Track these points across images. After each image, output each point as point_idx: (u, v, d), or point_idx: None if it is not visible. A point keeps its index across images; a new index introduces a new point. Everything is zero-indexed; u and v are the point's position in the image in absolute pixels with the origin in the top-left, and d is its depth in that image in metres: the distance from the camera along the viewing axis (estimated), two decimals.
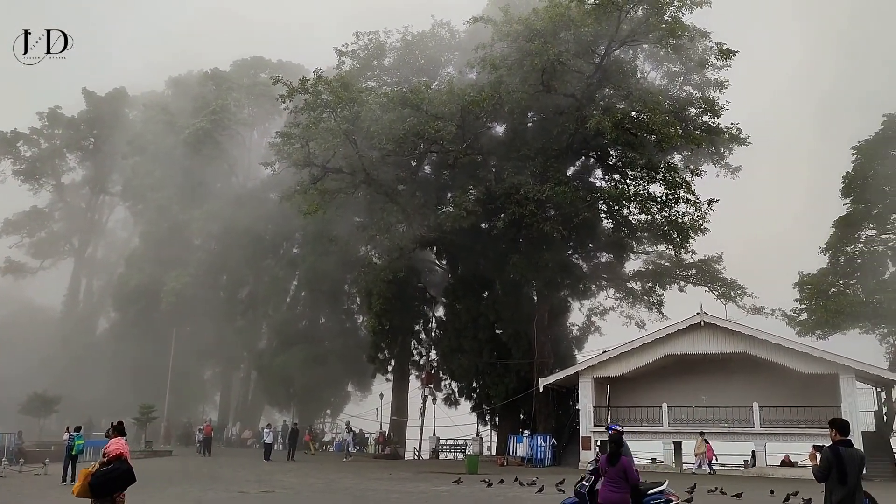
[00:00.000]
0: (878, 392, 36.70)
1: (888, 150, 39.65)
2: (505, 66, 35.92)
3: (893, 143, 39.51)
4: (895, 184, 39.38)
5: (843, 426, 8.99)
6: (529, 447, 35.85)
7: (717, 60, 36.71)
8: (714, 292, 41.74)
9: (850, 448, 8.76)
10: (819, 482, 8.91)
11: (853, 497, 8.55)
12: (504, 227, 38.17)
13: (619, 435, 10.77)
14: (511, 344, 41.22)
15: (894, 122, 39.43)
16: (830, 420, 9.17)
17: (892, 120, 39.61)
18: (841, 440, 8.85)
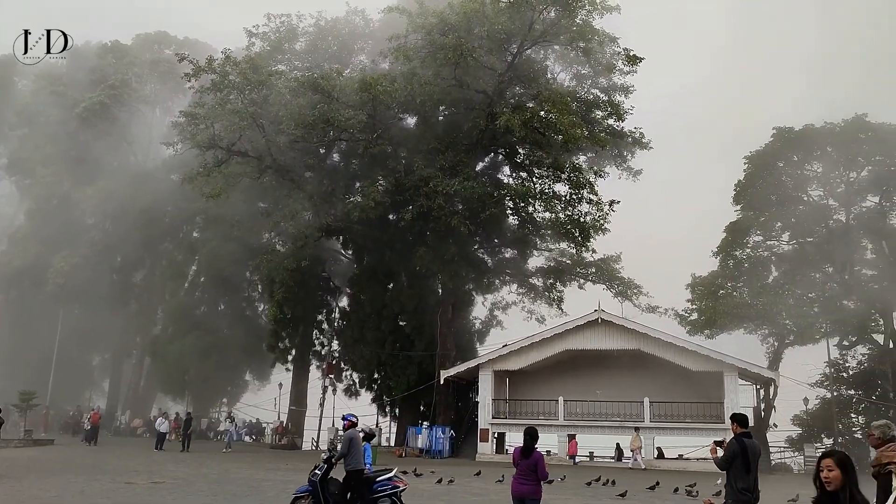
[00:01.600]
0: (757, 389, 38.90)
1: (776, 162, 41.95)
2: (418, 58, 35.91)
3: (781, 155, 41.85)
4: (781, 193, 41.72)
5: (744, 420, 9.78)
6: (428, 439, 36.08)
7: (624, 66, 37.83)
8: (612, 291, 43.09)
9: (751, 440, 9.48)
10: (721, 470, 9.53)
11: (755, 483, 9.23)
12: (412, 219, 38.18)
13: (353, 424, 12.37)
14: (414, 336, 41.33)
15: (783, 135, 41.75)
16: (732, 415, 10.01)
17: (780, 133, 41.93)
18: (742, 432, 9.57)
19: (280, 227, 41.39)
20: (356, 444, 12.37)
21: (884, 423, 7.49)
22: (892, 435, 7.35)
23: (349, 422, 12.87)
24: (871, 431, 7.47)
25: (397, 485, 12.86)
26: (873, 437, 7.41)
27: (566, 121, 34.10)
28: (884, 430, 7.38)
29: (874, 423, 7.52)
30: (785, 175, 42.11)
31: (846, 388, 41.18)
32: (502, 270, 46.53)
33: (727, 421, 31.97)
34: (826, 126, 41.02)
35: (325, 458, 12.79)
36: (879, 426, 7.47)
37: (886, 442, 7.29)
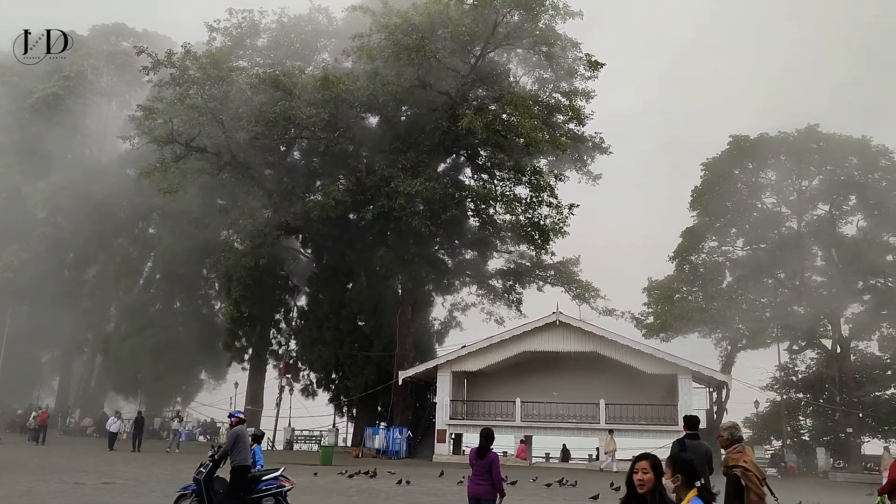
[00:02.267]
0: (710, 392, 39.64)
1: (732, 169, 42.82)
2: (381, 58, 35.80)
3: (737, 162, 42.72)
4: (736, 200, 42.59)
5: (690, 421, 10.07)
6: (385, 439, 35.98)
7: (586, 71, 38.22)
8: (570, 293, 43.48)
9: (695, 441, 9.56)
10: None
11: None
12: (373, 218, 38.07)
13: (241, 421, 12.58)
14: (373, 336, 41.19)
15: (739, 143, 42.63)
16: (683, 417, 10.31)
17: (736, 141, 42.80)
18: (687, 434, 9.80)
19: (238, 224, 40.92)
20: (242, 440, 12.36)
21: (731, 426, 7.76)
22: (739, 437, 7.69)
23: (236, 419, 12.89)
24: (719, 433, 7.75)
25: (283, 484, 12.86)
26: (722, 438, 7.68)
27: (528, 124, 34.31)
28: (731, 432, 7.66)
29: (723, 424, 7.80)
30: (740, 182, 43.01)
31: (795, 392, 42.21)
32: (462, 271, 46.63)
33: (680, 423, 32.62)
34: (780, 135, 42.00)
35: (211, 454, 12.69)
36: (727, 428, 7.74)
37: (734, 443, 7.59)
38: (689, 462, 4.70)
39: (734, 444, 7.60)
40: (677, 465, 4.68)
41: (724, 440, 7.70)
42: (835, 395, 39.35)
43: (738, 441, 7.65)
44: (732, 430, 7.72)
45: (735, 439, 7.66)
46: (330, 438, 40.35)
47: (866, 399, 38.93)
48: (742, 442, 7.69)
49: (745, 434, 42.50)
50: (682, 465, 4.68)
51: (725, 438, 7.67)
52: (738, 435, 7.73)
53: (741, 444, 7.62)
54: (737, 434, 7.72)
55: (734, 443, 7.61)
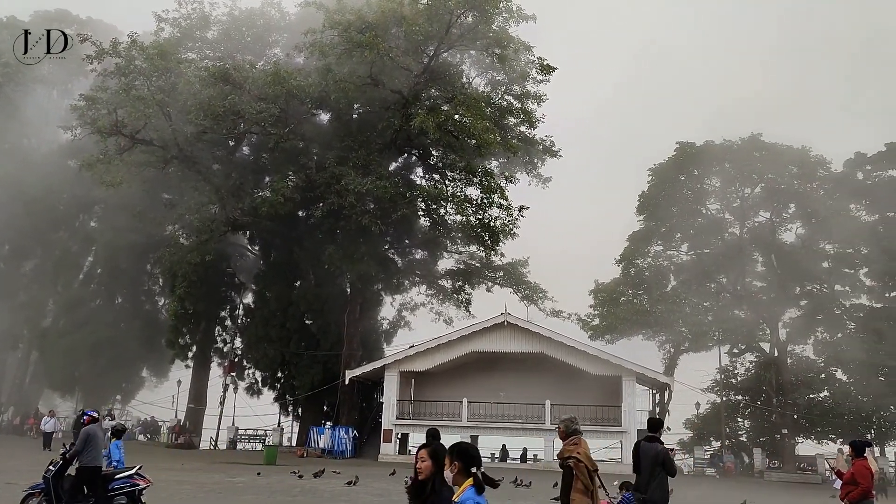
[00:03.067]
0: (653, 394, 40.38)
1: (678, 175, 43.71)
2: (334, 55, 35.52)
3: (683, 169, 43.62)
4: (682, 205, 43.48)
5: (650, 424, 10.37)
6: (331, 439, 35.73)
7: (538, 74, 38.51)
8: (518, 294, 43.81)
9: (650, 443, 9.88)
10: (634, 472, 10.11)
11: (647, 482, 9.71)
12: (322, 216, 37.76)
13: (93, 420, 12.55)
14: (320, 335, 40.85)
15: (685, 150, 43.54)
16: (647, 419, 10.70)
17: (683, 147, 43.72)
18: (647, 436, 10.11)
19: (184, 219, 40.11)
20: (93, 440, 12.21)
21: (569, 418, 8.06)
22: (576, 429, 7.98)
23: (89, 417, 12.79)
24: (558, 425, 8.06)
25: (137, 483, 12.76)
26: (560, 431, 7.98)
27: (480, 125, 34.42)
28: (567, 425, 7.95)
29: (562, 417, 8.12)
30: (686, 188, 43.92)
31: (734, 394, 43.24)
32: (412, 271, 46.59)
33: (624, 424, 33.29)
34: (725, 143, 43.03)
35: (62, 453, 12.49)
36: (564, 420, 8.04)
37: (570, 436, 7.88)
38: (466, 450, 4.70)
39: (570, 436, 7.84)
40: (455, 453, 4.68)
41: (561, 432, 7.95)
42: (772, 397, 40.47)
43: (574, 433, 7.88)
44: (569, 423, 7.95)
45: (571, 432, 7.90)
46: (274, 438, 39.88)
47: (801, 401, 40.13)
48: (578, 434, 7.93)
49: (686, 435, 43.57)
50: (459, 452, 4.68)
51: (563, 431, 7.92)
52: (574, 428, 7.96)
53: (577, 436, 7.86)
54: (572, 427, 7.95)
55: (570, 435, 7.84)
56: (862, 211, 41.16)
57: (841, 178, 41.25)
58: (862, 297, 41.23)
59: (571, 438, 7.91)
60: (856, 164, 41.22)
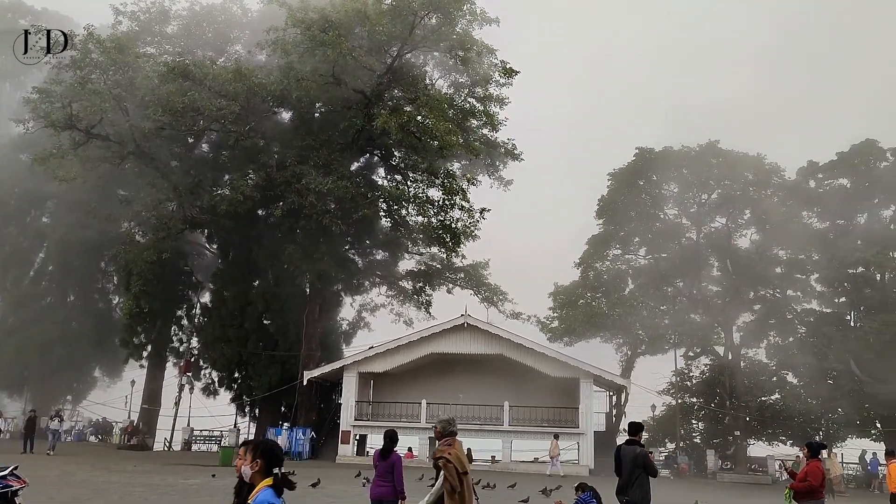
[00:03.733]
0: (610, 396, 40.86)
1: (637, 180, 44.30)
2: (297, 53, 35.24)
3: (642, 174, 44.23)
4: (640, 210, 44.07)
5: (631, 428, 10.87)
6: (288, 440, 35.40)
7: (501, 77, 38.71)
8: (479, 296, 43.96)
9: (630, 446, 10.37)
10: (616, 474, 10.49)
11: (626, 484, 10.14)
12: (282, 215, 37.42)
13: None
14: (279, 335, 40.49)
15: (644, 155, 44.16)
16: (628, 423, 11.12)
17: (642, 152, 44.33)
18: (628, 440, 10.62)
19: (141, 216, 39.41)
20: None
21: (446, 420, 8.21)
22: (451, 431, 8.09)
23: None
24: (435, 425, 8.19)
25: (10, 483, 12.33)
26: (437, 431, 8.13)
27: (442, 127, 34.47)
28: (445, 426, 8.08)
29: (438, 418, 8.30)
30: (644, 193, 44.52)
31: (689, 396, 43.95)
32: (372, 272, 46.43)
33: (581, 425, 33.61)
34: (683, 149, 43.73)
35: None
36: (442, 421, 8.17)
37: (445, 436, 8.01)
38: (270, 448, 4.56)
39: (445, 437, 7.96)
40: (258, 451, 4.52)
41: (437, 433, 8.06)
42: (725, 399, 41.22)
43: (450, 435, 7.99)
44: (446, 425, 8.09)
45: (447, 433, 8.01)
46: (231, 439, 39.39)
47: (753, 404, 40.96)
48: (453, 436, 8.05)
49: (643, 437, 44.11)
50: (262, 450, 4.52)
51: (439, 431, 8.03)
52: (451, 430, 8.08)
53: (451, 437, 7.96)
54: (449, 428, 8.07)
55: (445, 436, 7.96)
56: (813, 218, 42.18)
57: (794, 185, 42.22)
58: (812, 302, 42.22)
59: (446, 439, 7.99)
60: (808, 173, 42.22)
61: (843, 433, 39.80)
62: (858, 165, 40.16)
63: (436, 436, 8.22)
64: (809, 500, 11.07)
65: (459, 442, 8.20)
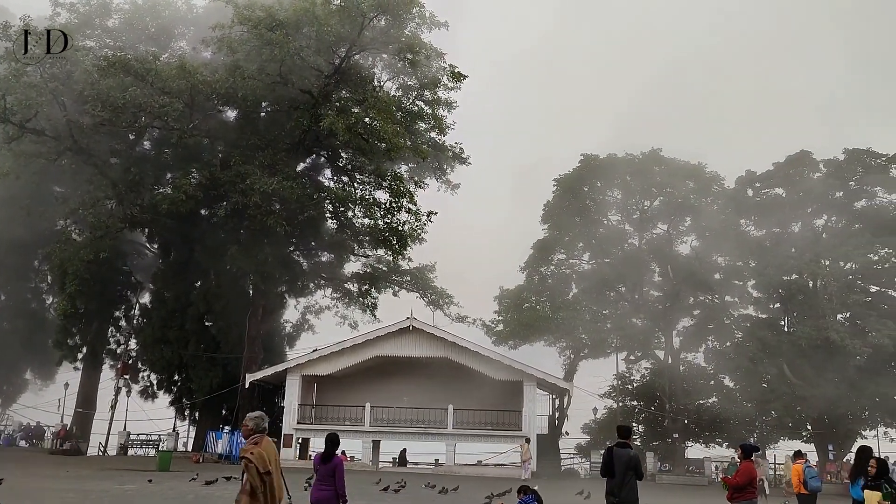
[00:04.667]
0: (553, 399, 41.30)
1: (582, 186, 44.94)
2: (243, 51, 34.79)
3: (586, 180, 44.89)
4: (585, 216, 44.70)
5: (622, 431, 11.13)
6: (229, 444, 34.85)
7: (449, 81, 38.86)
8: (424, 299, 43.97)
9: (623, 449, 10.69)
10: (602, 477, 10.85)
11: (620, 486, 10.53)
12: (225, 215, 36.83)
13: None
14: (220, 337, 39.83)
15: (589, 161, 44.83)
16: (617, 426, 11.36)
17: (587, 159, 45.00)
18: (618, 442, 10.83)
19: (78, 214, 38.26)
20: None
21: (257, 416, 7.96)
22: (264, 427, 7.90)
23: None
24: (245, 422, 7.94)
25: None
26: (246, 428, 7.89)
27: (390, 129, 34.45)
28: (257, 423, 7.88)
29: (249, 414, 7.96)
30: (589, 199, 45.15)
31: (630, 399, 44.70)
32: (317, 274, 46.03)
33: (524, 428, 33.88)
34: (627, 156, 44.54)
35: None
36: (253, 418, 7.94)
37: (257, 433, 7.82)
38: None
39: (256, 434, 7.78)
40: None
41: (248, 430, 7.84)
42: (664, 402, 42.06)
43: (261, 432, 7.81)
44: (258, 421, 7.86)
45: (259, 430, 7.82)
46: (169, 443, 38.54)
47: (691, 407, 41.87)
48: (262, 434, 7.85)
49: (584, 440, 44.71)
50: None
51: (250, 428, 7.82)
52: (263, 426, 7.88)
53: (259, 435, 7.77)
54: (262, 425, 7.87)
55: (256, 433, 7.78)
56: (751, 226, 43.39)
57: (733, 194, 43.37)
58: (749, 307, 43.41)
59: (253, 437, 7.79)
60: (746, 182, 43.44)
61: (775, 435, 41.02)
62: (793, 176, 41.51)
63: (244, 433, 7.87)
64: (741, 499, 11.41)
65: (269, 440, 7.88)
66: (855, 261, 38.61)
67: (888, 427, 38.43)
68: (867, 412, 38.29)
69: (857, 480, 10.57)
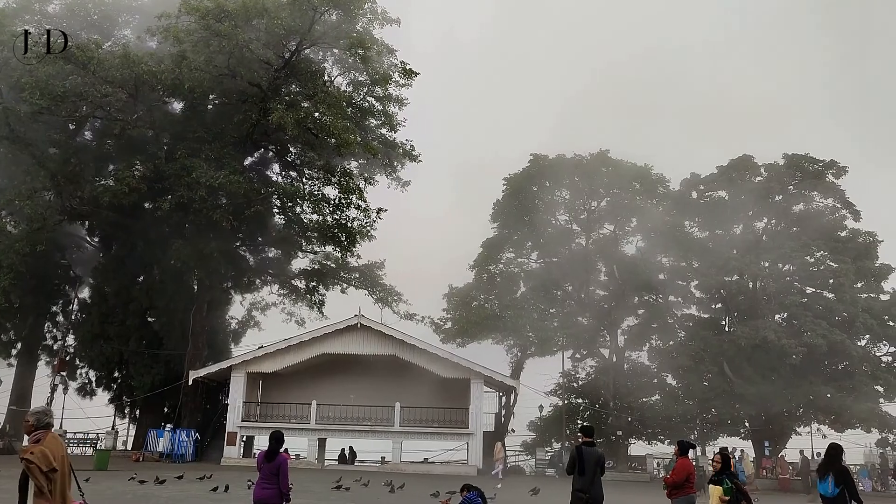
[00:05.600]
0: (500, 396, 41.57)
1: (531, 186, 45.30)
2: (190, 42, 34.08)
3: (536, 180, 45.26)
4: (533, 215, 45.04)
5: (587, 431, 11.63)
6: (170, 442, 34.18)
7: (401, 78, 38.75)
8: (373, 297, 43.77)
9: (591, 448, 11.25)
10: (568, 474, 11.42)
11: (590, 484, 11.02)
12: (170, 209, 36.07)
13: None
14: (163, 333, 39.01)
15: (538, 162, 45.22)
16: (580, 427, 12.24)
17: (536, 159, 45.37)
18: (585, 441, 11.35)
19: (14, 205, 36.98)
20: None
21: (40, 411, 7.27)
22: (47, 423, 7.14)
23: None
24: (26, 417, 7.20)
25: None
26: (27, 424, 7.12)
27: (340, 125, 34.21)
28: (38, 418, 7.13)
29: (32, 409, 7.31)
30: (537, 199, 45.52)
31: (575, 397, 45.26)
32: (264, 270, 45.44)
33: (471, 426, 34.03)
34: (575, 157, 45.05)
35: None
36: (35, 413, 7.21)
37: (39, 429, 7.06)
38: None
39: (38, 430, 7.04)
40: None
41: (28, 426, 7.11)
42: (609, 400, 42.72)
43: (45, 428, 7.07)
44: (40, 416, 7.14)
45: (42, 426, 7.09)
46: (108, 442, 37.57)
47: (635, 404, 42.59)
48: (49, 429, 7.13)
49: (530, 437, 45.12)
50: None
51: (31, 424, 7.09)
52: (46, 421, 7.15)
53: (43, 431, 7.03)
54: (45, 420, 7.14)
55: (39, 429, 7.04)
56: (694, 227, 44.31)
57: (678, 196, 44.24)
58: (692, 307, 44.38)
59: (35, 434, 7.00)
60: (691, 185, 44.37)
61: (715, 432, 42.01)
62: (736, 179, 42.54)
63: (26, 430, 7.09)
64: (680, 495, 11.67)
65: (55, 435, 7.12)
66: (792, 263, 39.80)
67: (821, 424, 39.71)
68: (801, 410, 39.48)
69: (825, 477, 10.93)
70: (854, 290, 39.28)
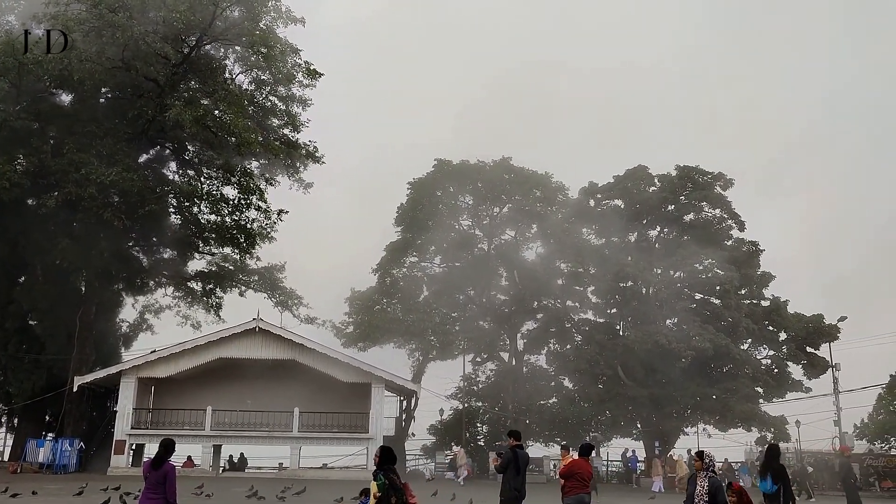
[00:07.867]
0: (401, 400, 41.60)
1: (435, 190, 45.62)
2: (81, 31, 32.44)
3: (440, 184, 45.64)
4: (436, 219, 45.39)
5: (518, 434, 13.05)
6: (52, 452, 32.40)
7: (304, 78, 38.19)
8: (273, 300, 42.88)
9: (523, 450, 12.91)
10: (499, 473, 13.00)
11: (524, 483, 12.50)
12: (56, 206, 34.16)
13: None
14: (46, 337, 36.92)
15: (443, 166, 45.61)
16: (509, 431, 13.47)
17: (441, 164, 45.77)
18: (516, 444, 12.79)
19: None
20: None
21: None
22: None
23: None
24: None
25: None
26: None
27: (241, 124, 33.42)
28: None
29: None
30: (441, 204, 45.88)
31: (475, 400, 45.81)
32: (159, 271, 43.67)
33: (371, 430, 33.86)
34: (479, 164, 45.69)
35: None
36: None
37: None
38: None
39: None
40: None
41: None
42: (508, 403, 43.43)
43: None
44: None
45: None
46: None
47: (533, 407, 43.48)
48: None
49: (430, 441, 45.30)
50: None
51: None
52: None
53: None
54: None
55: None
56: (592, 235, 45.71)
57: (576, 204, 45.54)
58: (588, 312, 45.74)
59: None
60: (589, 193, 45.75)
61: (609, 433, 43.40)
62: (631, 189, 44.15)
63: None
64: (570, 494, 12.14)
65: None
66: (683, 270, 41.64)
67: (706, 424, 41.67)
68: (689, 411, 41.30)
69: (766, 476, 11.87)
70: (738, 297, 41.45)
